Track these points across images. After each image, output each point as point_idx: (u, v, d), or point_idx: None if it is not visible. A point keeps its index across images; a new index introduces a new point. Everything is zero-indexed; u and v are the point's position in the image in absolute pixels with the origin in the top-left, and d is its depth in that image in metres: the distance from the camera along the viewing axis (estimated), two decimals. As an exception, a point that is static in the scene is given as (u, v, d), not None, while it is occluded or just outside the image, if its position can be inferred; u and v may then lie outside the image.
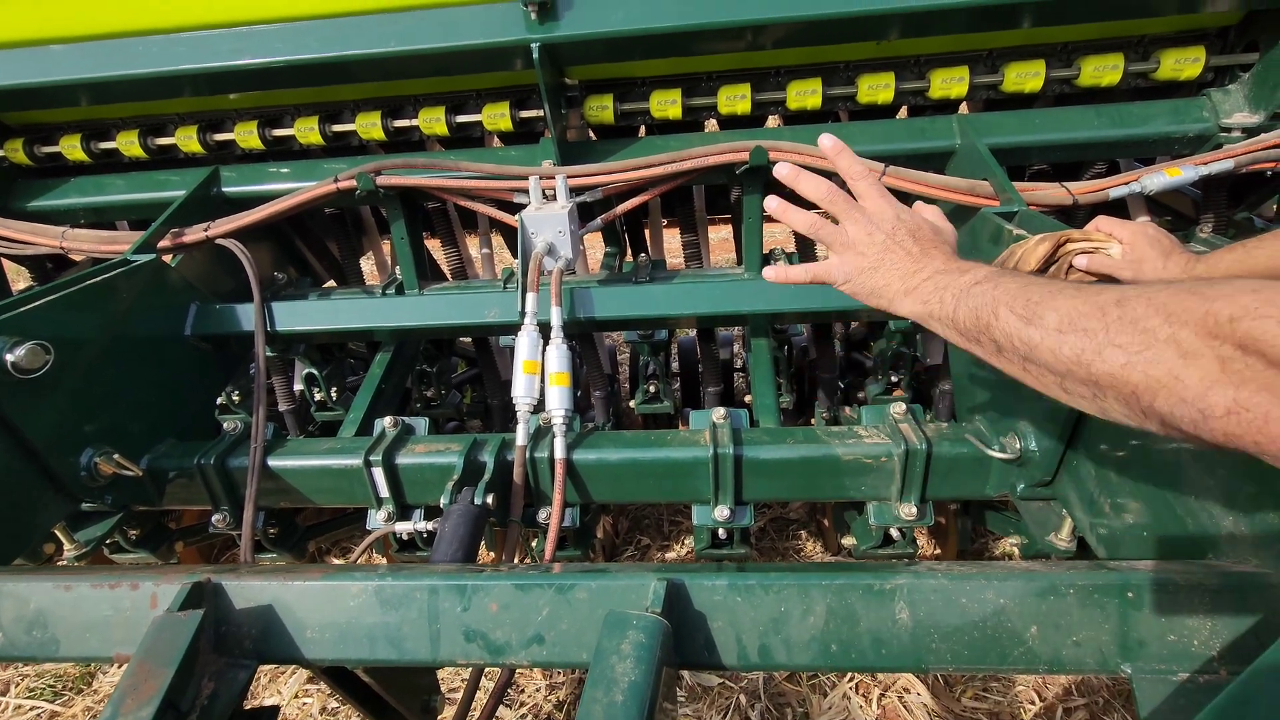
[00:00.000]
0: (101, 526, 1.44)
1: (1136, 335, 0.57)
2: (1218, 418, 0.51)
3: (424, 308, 1.69)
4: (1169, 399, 0.54)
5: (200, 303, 1.64)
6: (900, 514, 1.31)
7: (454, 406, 2.30)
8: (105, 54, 1.61)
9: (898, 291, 0.87)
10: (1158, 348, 0.55)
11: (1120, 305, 0.60)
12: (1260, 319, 0.48)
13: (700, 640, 0.79)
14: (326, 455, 1.39)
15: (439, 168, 1.67)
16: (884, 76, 1.62)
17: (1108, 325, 0.60)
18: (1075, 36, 1.60)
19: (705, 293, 1.60)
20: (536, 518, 1.39)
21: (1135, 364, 0.57)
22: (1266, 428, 0.48)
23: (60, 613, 0.88)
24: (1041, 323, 0.66)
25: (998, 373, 0.76)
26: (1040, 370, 0.68)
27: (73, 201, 1.88)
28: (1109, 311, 0.60)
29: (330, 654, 0.83)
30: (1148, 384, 0.56)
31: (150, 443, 1.44)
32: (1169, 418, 0.55)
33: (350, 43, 1.55)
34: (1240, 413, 0.50)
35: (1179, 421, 0.55)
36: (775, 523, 2.57)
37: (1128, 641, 0.76)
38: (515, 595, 0.81)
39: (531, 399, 1.35)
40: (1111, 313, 0.60)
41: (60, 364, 1.23)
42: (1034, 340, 0.67)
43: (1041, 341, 0.66)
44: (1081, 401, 0.66)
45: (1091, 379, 0.61)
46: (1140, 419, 0.59)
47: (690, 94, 1.69)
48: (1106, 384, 0.60)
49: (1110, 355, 0.59)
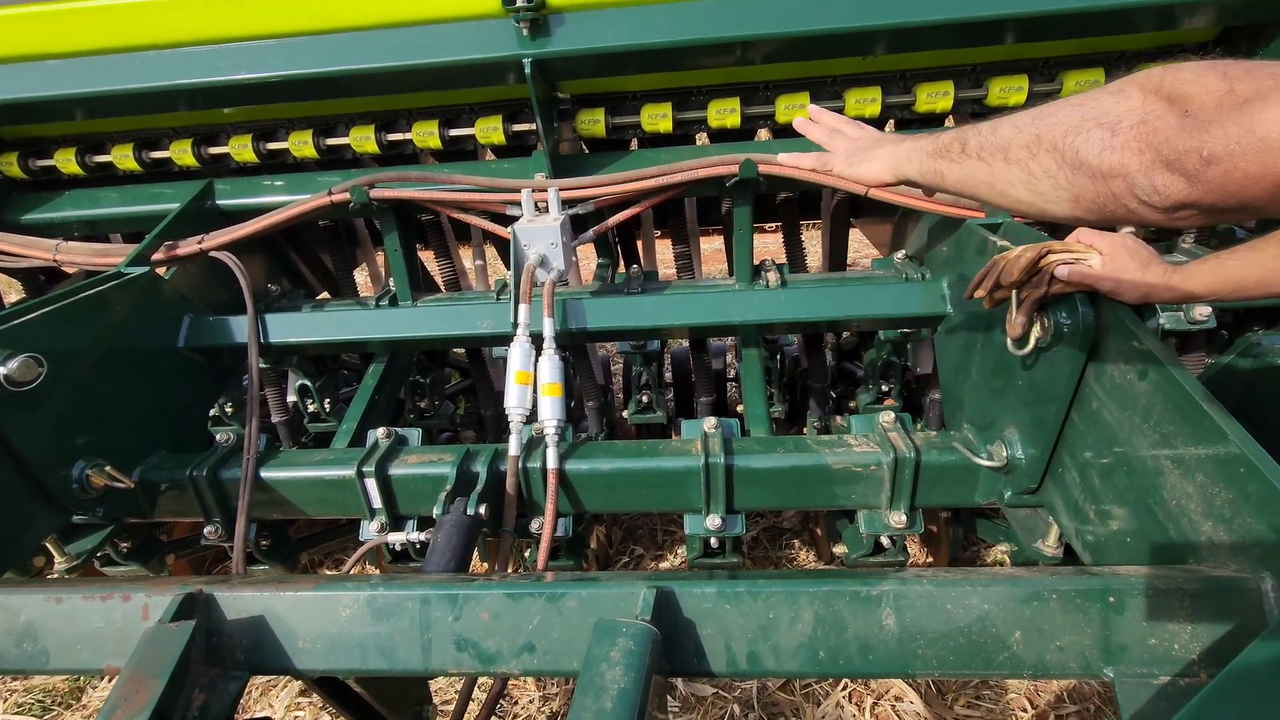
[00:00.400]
0: (92, 539, 1.44)
1: (1092, 93, 0.71)
2: (1122, 131, 0.64)
3: (417, 319, 1.70)
4: (1091, 130, 0.67)
5: (194, 315, 1.65)
6: (890, 522, 1.32)
7: (447, 417, 2.30)
8: (102, 69, 1.63)
9: (888, 153, 1.07)
10: (1103, 96, 0.69)
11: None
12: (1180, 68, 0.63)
13: (690, 647, 0.80)
14: (319, 466, 1.39)
15: (432, 180, 1.69)
16: (871, 90, 1.65)
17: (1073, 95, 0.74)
18: (1057, 52, 1.63)
19: (697, 304, 1.61)
20: (529, 528, 1.40)
21: (1080, 108, 0.70)
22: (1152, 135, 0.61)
23: (51, 625, 0.88)
24: (1016, 114, 0.79)
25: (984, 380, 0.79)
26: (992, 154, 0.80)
27: (66, 214, 1.89)
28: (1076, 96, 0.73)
29: (322, 664, 0.83)
30: (1081, 121, 0.68)
31: (142, 455, 1.44)
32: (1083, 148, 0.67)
33: (345, 58, 1.57)
34: (1139, 125, 0.63)
35: (1089, 149, 0.67)
36: (768, 532, 2.58)
37: (1110, 646, 0.77)
38: (506, 604, 0.82)
39: (524, 409, 1.36)
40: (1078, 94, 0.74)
41: (53, 376, 1.23)
42: (999, 123, 0.80)
43: (1007, 120, 0.79)
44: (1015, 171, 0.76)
45: (1036, 134, 0.73)
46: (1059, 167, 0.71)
47: (681, 108, 1.72)
48: (1046, 133, 0.72)
49: (1063, 109, 0.72)
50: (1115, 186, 0.65)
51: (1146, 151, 0.62)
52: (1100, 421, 1.04)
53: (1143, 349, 0.95)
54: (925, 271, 1.64)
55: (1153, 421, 0.94)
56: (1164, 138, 0.60)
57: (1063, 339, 1.05)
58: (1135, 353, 0.96)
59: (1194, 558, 0.86)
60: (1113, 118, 0.66)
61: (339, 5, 1.53)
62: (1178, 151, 0.59)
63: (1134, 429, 0.97)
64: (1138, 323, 0.99)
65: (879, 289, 1.58)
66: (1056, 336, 1.05)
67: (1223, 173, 0.56)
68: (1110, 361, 1.02)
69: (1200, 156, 0.57)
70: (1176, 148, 0.59)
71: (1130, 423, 0.98)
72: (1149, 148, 0.62)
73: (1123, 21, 1.48)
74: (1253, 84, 0.57)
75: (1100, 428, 1.05)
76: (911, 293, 1.55)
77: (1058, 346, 1.07)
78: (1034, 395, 1.16)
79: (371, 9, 1.53)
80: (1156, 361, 0.93)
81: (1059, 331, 1.05)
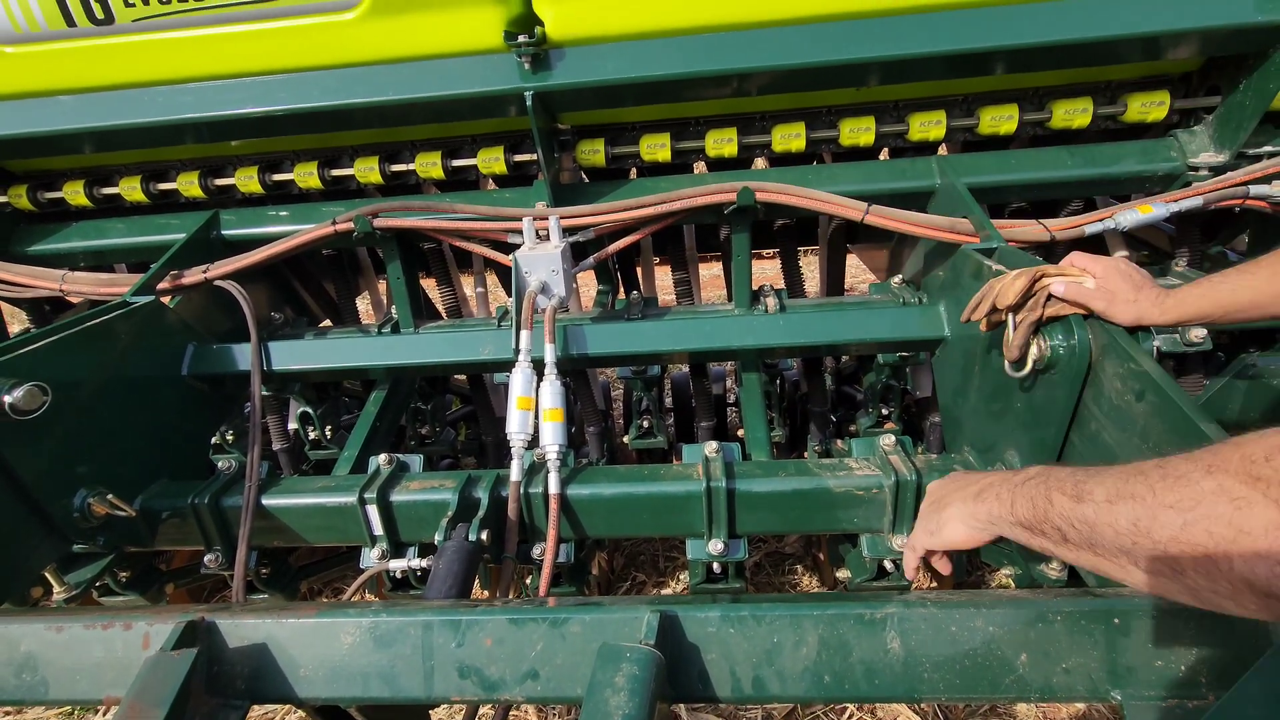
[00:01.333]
0: (92, 568, 1.43)
1: (1183, 491, 0.57)
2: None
3: (419, 345, 1.72)
4: (1244, 556, 0.53)
5: (197, 344, 1.66)
6: (893, 545, 1.32)
7: (449, 444, 2.30)
8: (112, 104, 1.66)
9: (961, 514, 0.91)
10: (1208, 501, 0.55)
11: (1161, 465, 0.61)
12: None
13: (694, 673, 0.79)
14: (321, 493, 1.39)
15: (435, 209, 1.72)
16: (865, 120, 1.69)
17: (1152, 486, 0.60)
18: (1046, 82, 1.68)
19: (696, 329, 1.63)
20: (531, 554, 1.39)
21: (1192, 522, 0.56)
22: None
23: (50, 655, 0.88)
24: (1091, 498, 0.67)
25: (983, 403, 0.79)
26: (1111, 555, 0.66)
27: (73, 245, 1.91)
28: (1150, 473, 0.61)
29: (323, 693, 0.83)
30: (1215, 544, 0.54)
31: (144, 483, 1.44)
32: (1256, 580, 0.53)
33: (351, 92, 1.60)
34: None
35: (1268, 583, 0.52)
36: (771, 557, 2.56)
37: (1117, 668, 0.77)
38: (509, 630, 0.82)
39: (526, 435, 1.36)
40: (1153, 474, 0.60)
41: (57, 405, 1.24)
42: (1089, 518, 0.67)
43: (1096, 517, 0.66)
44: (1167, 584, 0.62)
45: (1160, 550, 0.59)
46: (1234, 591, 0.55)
47: (679, 138, 1.75)
48: (1176, 553, 0.58)
49: (1165, 518, 0.58)
50: None
51: None
52: (1100, 443, 1.05)
53: (1139, 370, 0.96)
54: (922, 296, 1.65)
55: (1151, 442, 0.94)
56: None
57: (1060, 361, 1.06)
58: (1132, 374, 0.97)
59: (1197, 578, 0.86)
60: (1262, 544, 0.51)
61: (346, 43, 1.57)
62: None
63: (1133, 450, 0.98)
64: (1134, 344, 1.00)
65: (877, 313, 1.59)
66: (1054, 358, 1.07)
67: None
68: (1107, 383, 1.02)
69: None
70: None
71: (1129, 444, 0.99)
72: None
73: (1108, 53, 1.52)
74: None
75: (1100, 449, 1.05)
76: (909, 317, 1.57)
77: (1055, 368, 1.08)
78: (1033, 417, 1.16)
79: (378, 46, 1.57)
80: (1153, 383, 0.94)
81: (1056, 353, 1.06)
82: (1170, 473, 0.59)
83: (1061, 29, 1.46)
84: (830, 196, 1.59)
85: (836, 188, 1.64)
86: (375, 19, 1.54)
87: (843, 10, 1.49)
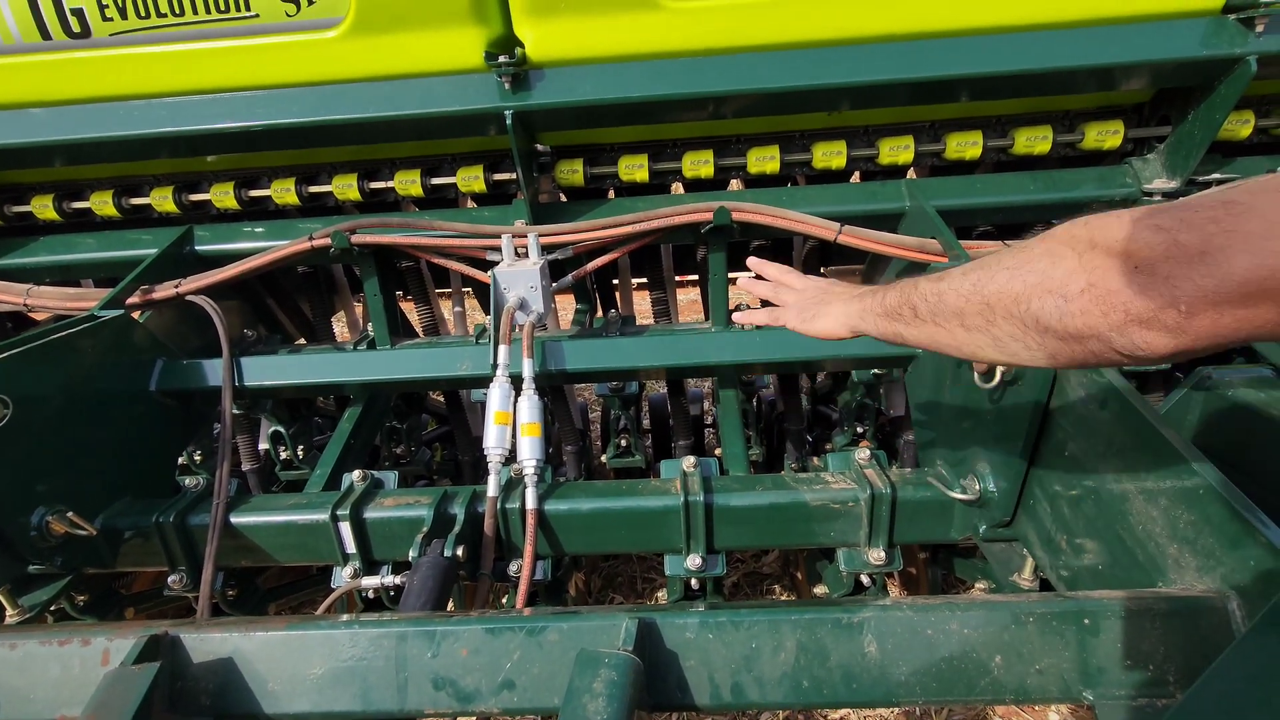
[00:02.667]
0: (48, 591, 1.38)
1: (1019, 255, 0.71)
2: (1074, 297, 0.63)
3: (396, 361, 1.70)
4: (1041, 297, 0.66)
5: (167, 359, 1.63)
6: (869, 559, 1.33)
7: (424, 464, 2.27)
8: (86, 117, 1.65)
9: (840, 310, 1.03)
10: (1034, 260, 0.68)
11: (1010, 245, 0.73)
12: (1103, 222, 0.64)
13: (673, 680, 0.79)
14: (292, 510, 1.36)
15: (414, 227, 1.72)
16: (836, 144, 1.74)
17: (999, 257, 0.73)
18: (1008, 110, 1.75)
19: (674, 345, 1.64)
20: (508, 571, 1.38)
21: (1016, 277, 0.69)
22: (1109, 298, 0.61)
23: (3, 674, 0.84)
24: (950, 275, 0.79)
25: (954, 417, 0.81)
26: (946, 319, 0.79)
27: (40, 260, 1.87)
28: (1003, 251, 0.74)
29: (292, 708, 0.80)
30: (1025, 289, 0.68)
31: (107, 501, 1.40)
32: (1041, 315, 0.66)
33: (330, 109, 1.61)
34: (1090, 289, 0.62)
35: (1048, 316, 0.66)
36: (749, 578, 2.55)
37: (1088, 669, 0.78)
38: (485, 639, 0.81)
39: (503, 450, 1.36)
40: (1005, 251, 0.74)
41: (17, 419, 1.20)
42: (941, 289, 0.79)
43: (946, 286, 0.78)
44: (979, 336, 0.75)
45: (983, 303, 0.73)
46: (1024, 332, 0.69)
47: (657, 159, 1.78)
48: (994, 303, 0.71)
49: (999, 277, 0.71)
50: (1092, 345, 0.64)
51: (1111, 313, 0.61)
52: (1067, 453, 1.08)
53: (1102, 381, 0.99)
54: (894, 314, 1.69)
55: (1115, 450, 0.97)
56: (1125, 298, 0.59)
57: (1025, 372, 1.09)
58: (1095, 384, 1.01)
59: (1163, 581, 0.88)
60: (1056, 283, 0.65)
61: (327, 60, 1.58)
62: (1150, 310, 0.58)
63: (1098, 458, 1.01)
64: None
65: (851, 330, 1.62)
66: (1020, 370, 1.10)
67: (1210, 321, 0.56)
68: (1073, 394, 1.06)
69: (1179, 311, 0.57)
70: (1146, 306, 0.58)
71: (1095, 452, 1.01)
72: (1112, 309, 0.60)
73: (1065, 83, 1.59)
74: (1197, 234, 0.56)
75: (1067, 459, 1.08)
76: (882, 334, 1.60)
77: (1021, 380, 1.11)
78: (1002, 429, 1.19)
79: (360, 64, 1.58)
80: (1115, 392, 0.97)
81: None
82: (1017, 247, 0.72)
83: (1021, 59, 1.52)
84: (805, 217, 1.63)
85: (811, 209, 1.68)
86: (357, 38, 1.55)
87: (815, 38, 1.55)
